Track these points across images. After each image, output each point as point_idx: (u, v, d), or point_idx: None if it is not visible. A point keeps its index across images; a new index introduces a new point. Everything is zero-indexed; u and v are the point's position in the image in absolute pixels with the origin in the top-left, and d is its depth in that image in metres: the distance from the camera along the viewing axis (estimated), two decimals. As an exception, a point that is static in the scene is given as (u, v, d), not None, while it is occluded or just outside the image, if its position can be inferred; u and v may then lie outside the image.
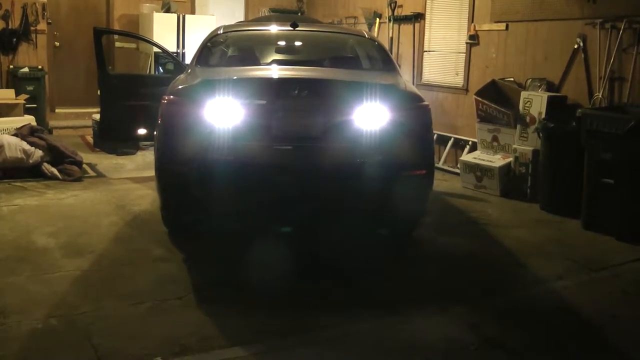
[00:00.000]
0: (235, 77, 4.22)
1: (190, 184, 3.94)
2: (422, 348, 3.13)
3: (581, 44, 6.04)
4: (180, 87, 4.23)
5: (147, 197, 5.72)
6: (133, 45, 9.81)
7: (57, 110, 9.50)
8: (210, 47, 5.02)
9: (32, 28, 8.79)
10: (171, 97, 4.10)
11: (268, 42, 5.34)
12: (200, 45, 5.04)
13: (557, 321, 3.55)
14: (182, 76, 4.59)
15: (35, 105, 8.39)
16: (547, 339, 3.31)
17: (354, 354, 3.08)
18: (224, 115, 3.89)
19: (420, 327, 3.36)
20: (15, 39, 8.66)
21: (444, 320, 3.46)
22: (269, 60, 4.97)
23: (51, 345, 3.02)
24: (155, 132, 4.27)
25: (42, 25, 8.92)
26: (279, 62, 4.89)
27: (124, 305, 3.46)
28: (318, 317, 3.43)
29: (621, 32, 5.65)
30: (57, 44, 9.52)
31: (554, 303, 3.81)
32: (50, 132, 8.37)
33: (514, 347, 3.18)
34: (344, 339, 3.22)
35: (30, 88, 8.50)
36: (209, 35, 5.23)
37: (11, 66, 8.66)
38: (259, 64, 4.86)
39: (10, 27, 8.65)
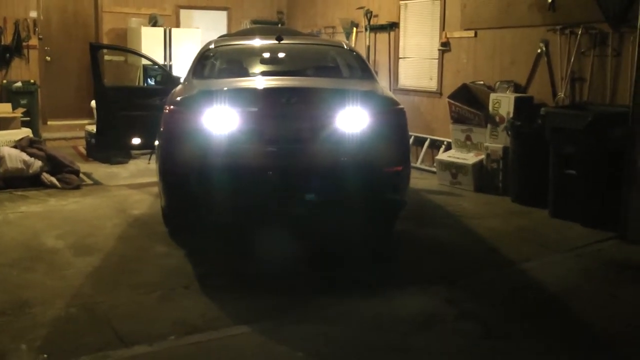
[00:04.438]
0: (229, 88, 4.61)
1: (192, 185, 4.30)
2: (404, 321, 3.51)
3: (544, 49, 6.45)
4: (179, 98, 4.61)
5: (144, 202, 6.06)
6: (122, 58, 10.05)
7: (49, 123, 9.73)
8: (204, 61, 5.39)
9: (24, 43, 9.06)
10: (172, 107, 4.48)
11: (257, 54, 5.69)
12: (195, 58, 5.40)
13: (526, 295, 3.97)
14: (180, 88, 4.98)
15: (28, 118, 8.64)
16: (516, 311, 3.72)
17: (343, 328, 3.45)
18: (220, 122, 4.27)
19: (402, 304, 3.75)
20: (8, 55, 8.93)
21: (423, 298, 3.85)
22: (259, 71, 5.37)
23: (75, 329, 3.36)
24: (157, 140, 4.65)
25: (33, 41, 9.19)
26: (268, 73, 5.29)
27: (136, 294, 3.82)
28: (310, 299, 3.81)
29: (579, 36, 6.08)
30: (48, 58, 9.76)
31: (523, 280, 4.23)
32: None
33: (487, 318, 3.58)
34: (336, 317, 3.59)
35: (23, 102, 8.76)
36: (201, 50, 5.61)
37: (5, 81, 8.91)
38: (250, 75, 5.25)
39: (3, 43, 8.92)
